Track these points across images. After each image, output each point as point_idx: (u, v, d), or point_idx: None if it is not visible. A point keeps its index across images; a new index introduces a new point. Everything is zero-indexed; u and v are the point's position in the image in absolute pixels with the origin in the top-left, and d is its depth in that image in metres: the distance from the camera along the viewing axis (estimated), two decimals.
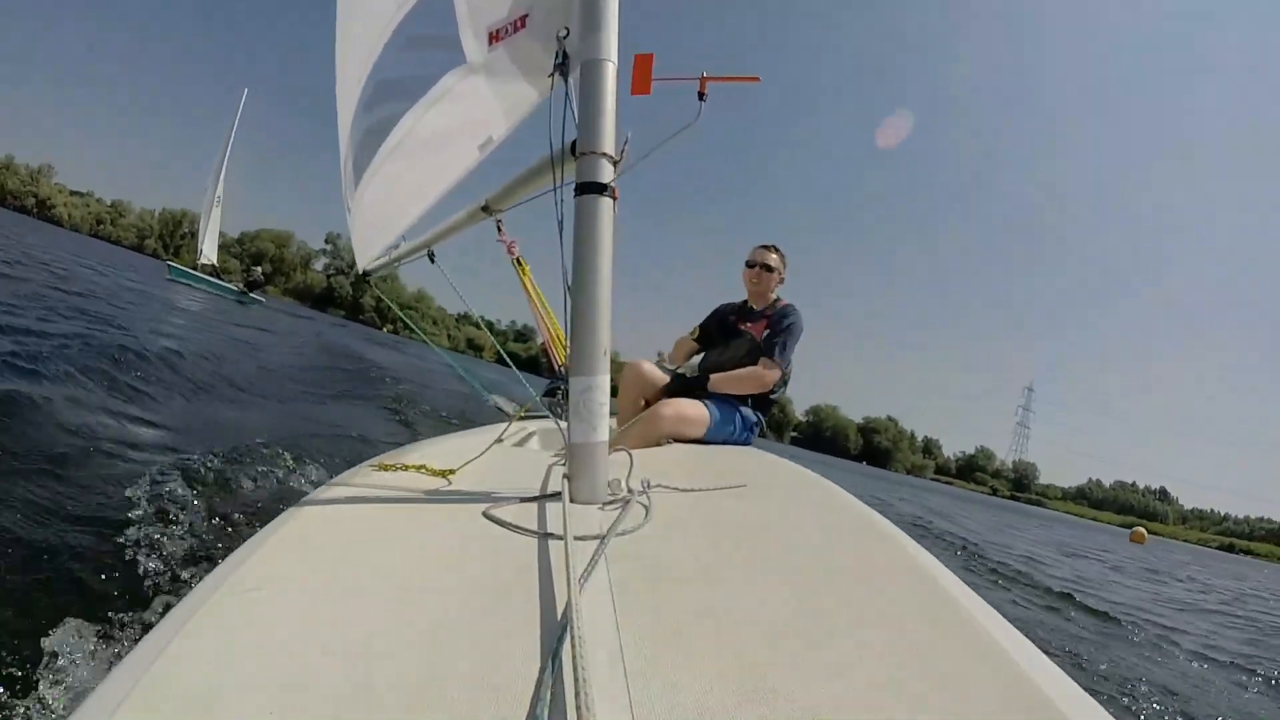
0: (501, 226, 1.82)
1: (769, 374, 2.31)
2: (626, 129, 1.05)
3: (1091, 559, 10.29)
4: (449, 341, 65.91)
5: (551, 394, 2.36)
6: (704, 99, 1.13)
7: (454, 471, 1.12)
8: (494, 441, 1.36)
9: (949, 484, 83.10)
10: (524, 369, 2.10)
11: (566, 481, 0.94)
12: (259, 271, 29.20)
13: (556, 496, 0.95)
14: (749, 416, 2.36)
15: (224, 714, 0.43)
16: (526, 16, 1.29)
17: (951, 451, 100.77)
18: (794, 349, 2.39)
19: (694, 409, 2.20)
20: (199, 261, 25.25)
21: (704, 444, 2.18)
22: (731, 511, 1.03)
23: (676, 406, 2.18)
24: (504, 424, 1.64)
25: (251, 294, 24.11)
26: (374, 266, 2.05)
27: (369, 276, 2.12)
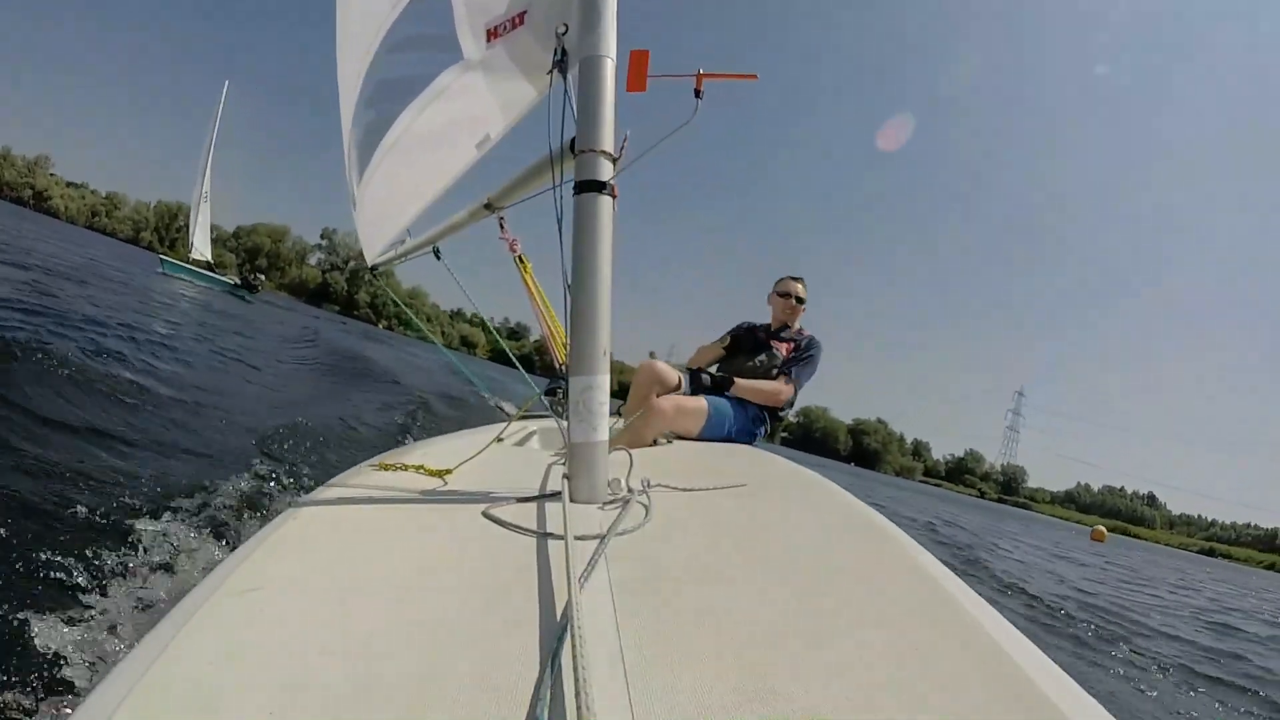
0: (504, 224, 1.82)
1: (785, 390, 2.50)
2: (625, 127, 1.04)
3: (1044, 550, 11.06)
4: (443, 338, 65.89)
5: (552, 393, 2.36)
6: (700, 96, 1.12)
7: (453, 471, 1.12)
8: (493, 441, 1.36)
9: (937, 486, 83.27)
10: (514, 366, 2.11)
11: (566, 481, 0.94)
12: (260, 278, 29.32)
13: (556, 496, 0.95)
14: (755, 413, 2.43)
15: (224, 714, 0.43)
16: (525, 13, 1.29)
17: (941, 454, 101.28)
18: (808, 379, 2.62)
19: (692, 402, 2.27)
20: (191, 255, 25.21)
21: (704, 440, 2.20)
22: (731, 511, 1.03)
23: (675, 401, 2.24)
24: (503, 423, 1.64)
25: (247, 290, 24.12)
26: (380, 261, 2.05)
27: (375, 271, 2.13)
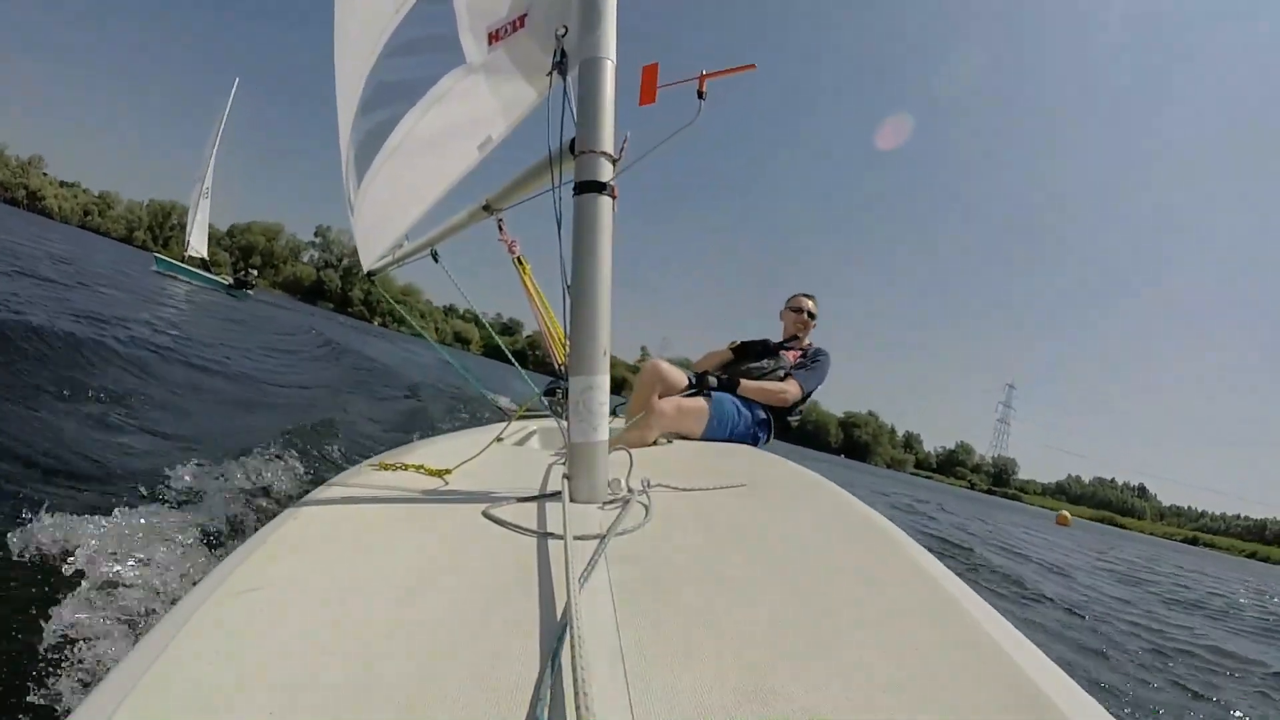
0: (503, 226, 1.82)
1: (791, 390, 2.51)
2: (625, 128, 1.05)
3: (998, 530, 11.93)
4: (437, 334, 66.21)
5: (551, 393, 2.36)
6: (703, 98, 1.12)
7: (453, 471, 1.12)
8: (493, 441, 1.36)
9: (928, 478, 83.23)
10: (511, 362, 2.12)
11: (566, 481, 0.94)
12: (253, 274, 29.01)
13: (556, 496, 0.95)
14: (760, 413, 2.41)
15: (224, 714, 0.43)
16: (525, 16, 1.29)
17: (932, 446, 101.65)
18: (817, 386, 2.63)
19: (693, 403, 2.24)
20: (186, 254, 24.92)
21: (706, 440, 2.19)
22: (731, 511, 1.03)
23: (677, 402, 2.21)
24: (503, 423, 1.64)
25: (242, 289, 23.88)
26: (378, 266, 2.05)
27: (373, 276, 2.12)
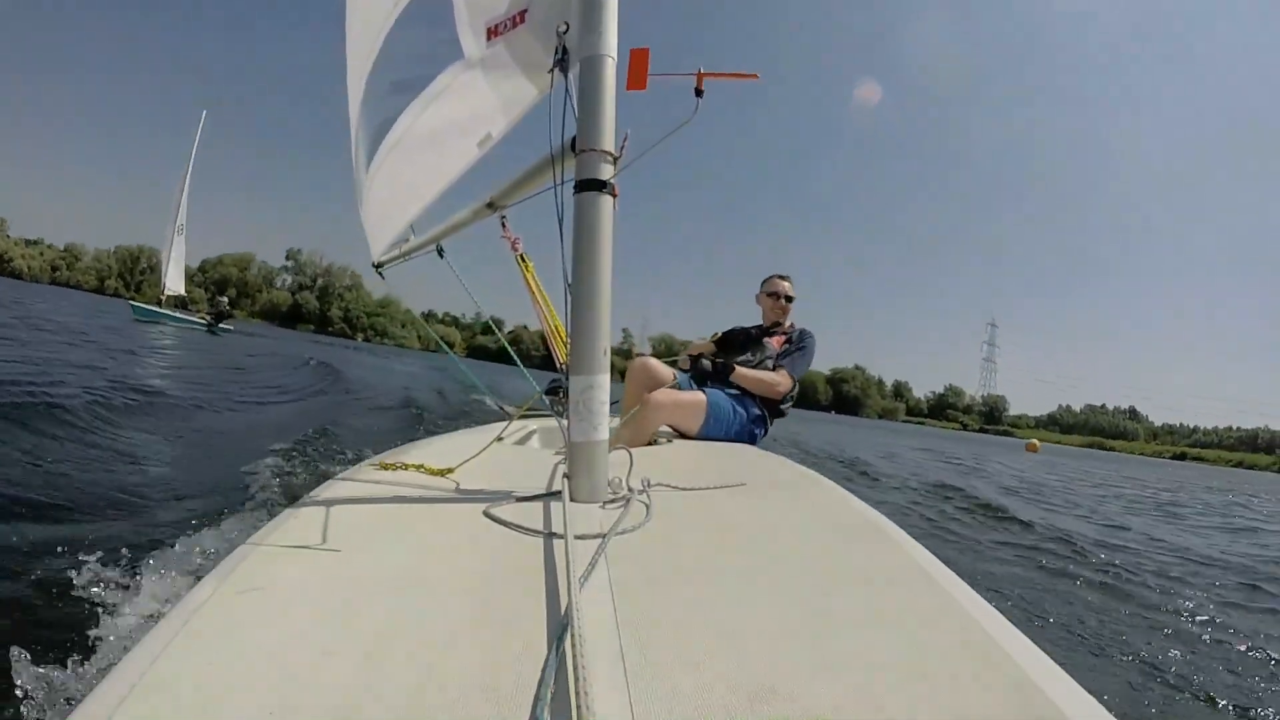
0: (505, 223, 1.82)
1: (783, 381, 2.49)
2: (625, 126, 1.04)
3: (962, 458, 13.41)
4: (420, 341, 66.46)
5: (552, 392, 2.36)
6: (701, 95, 1.11)
7: (454, 470, 1.12)
8: (494, 440, 1.36)
9: (921, 424, 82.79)
10: (495, 360, 2.11)
11: (567, 480, 0.94)
12: (224, 302, 28.57)
13: (557, 495, 0.95)
14: (754, 410, 2.38)
15: (224, 714, 0.43)
16: (525, 11, 1.29)
17: (922, 393, 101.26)
18: (804, 370, 2.61)
19: (689, 396, 2.21)
20: (163, 295, 24.14)
21: (705, 439, 2.18)
22: (732, 511, 1.03)
23: (673, 395, 2.18)
24: (504, 423, 1.64)
25: (220, 324, 23.25)
26: (386, 259, 2.05)
27: (381, 269, 2.13)
